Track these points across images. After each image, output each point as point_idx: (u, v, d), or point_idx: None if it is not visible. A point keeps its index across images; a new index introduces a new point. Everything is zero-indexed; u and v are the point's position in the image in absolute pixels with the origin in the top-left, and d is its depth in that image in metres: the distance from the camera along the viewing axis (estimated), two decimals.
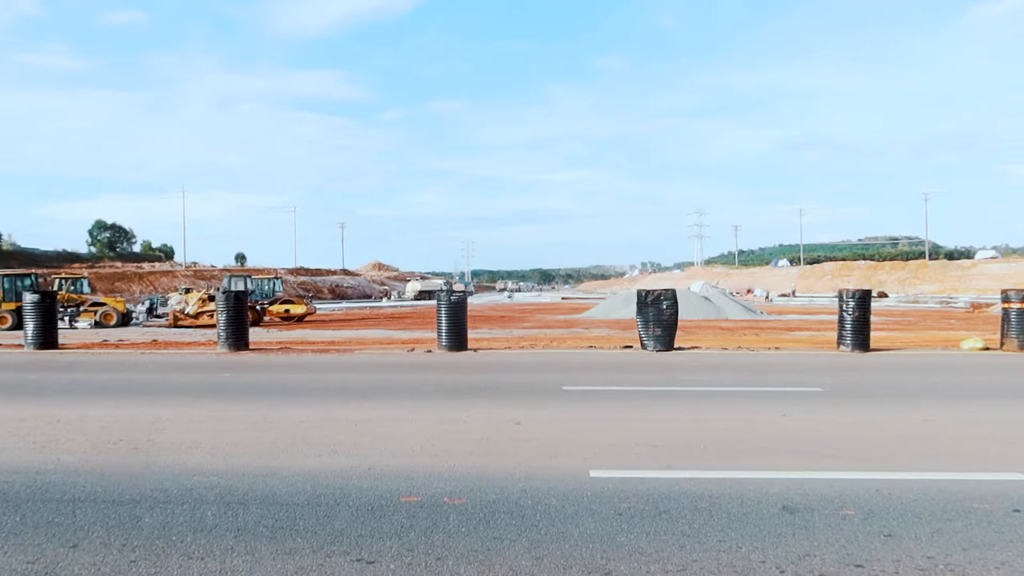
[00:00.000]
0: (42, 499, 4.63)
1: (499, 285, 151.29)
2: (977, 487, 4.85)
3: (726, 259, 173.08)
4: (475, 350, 15.28)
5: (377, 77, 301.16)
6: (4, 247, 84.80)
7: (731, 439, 6.47)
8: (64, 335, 18.81)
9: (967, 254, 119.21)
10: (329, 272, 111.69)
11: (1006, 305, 14.98)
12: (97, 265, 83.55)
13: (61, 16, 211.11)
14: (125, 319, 30.18)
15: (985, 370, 12.16)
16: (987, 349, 14.94)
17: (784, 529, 4.02)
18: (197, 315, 28.78)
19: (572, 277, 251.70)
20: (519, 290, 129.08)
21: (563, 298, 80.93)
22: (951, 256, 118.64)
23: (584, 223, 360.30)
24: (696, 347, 16.16)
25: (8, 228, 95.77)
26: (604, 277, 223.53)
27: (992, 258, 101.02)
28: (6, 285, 28.71)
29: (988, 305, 39.32)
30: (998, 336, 15.21)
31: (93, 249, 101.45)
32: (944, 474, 5.20)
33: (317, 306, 43.60)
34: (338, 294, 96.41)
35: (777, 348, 16.09)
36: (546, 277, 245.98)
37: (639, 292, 15.91)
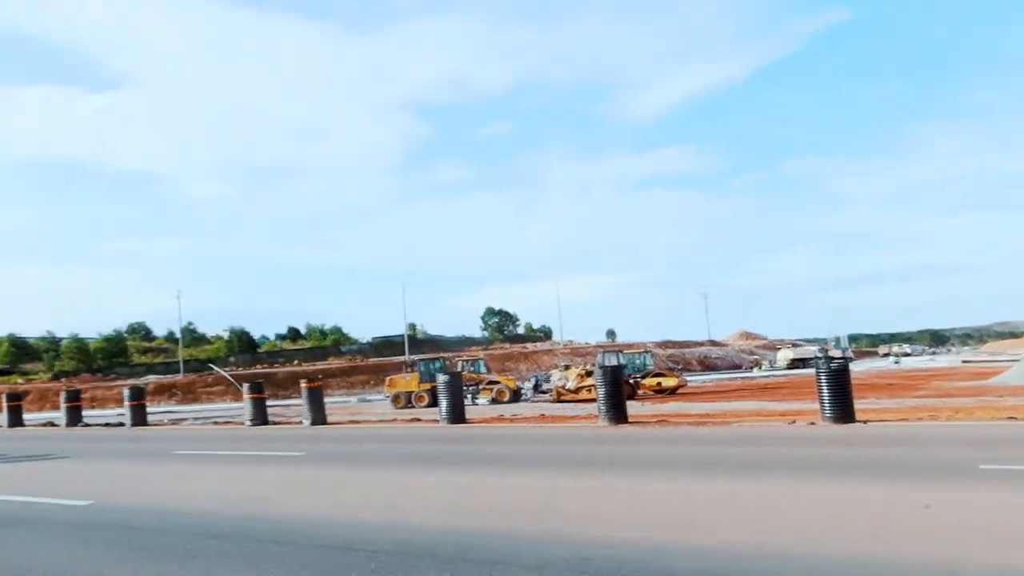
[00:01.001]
0: (463, 559, 5.09)
1: (882, 350, 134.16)
2: None
3: None
4: (864, 422, 13.52)
5: (722, 147, 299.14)
6: (418, 336, 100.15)
7: None
8: (468, 410, 20.92)
9: None
10: (696, 343, 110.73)
11: None
12: (489, 347, 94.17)
13: (447, 135, 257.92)
14: (516, 395, 33.53)
15: None
16: None
17: None
18: (577, 390, 30.80)
19: (971, 337, 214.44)
20: (907, 354, 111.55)
21: (963, 361, 68.24)
22: None
23: (980, 275, 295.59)
24: None
25: (420, 319, 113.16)
26: (1013, 335, 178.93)
27: None
28: (422, 368, 34.30)
29: None
30: None
31: (485, 333, 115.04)
32: None
33: (687, 378, 43.37)
34: (707, 365, 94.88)
35: None
36: (938, 339, 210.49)
37: None
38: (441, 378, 18.71)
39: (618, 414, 15.89)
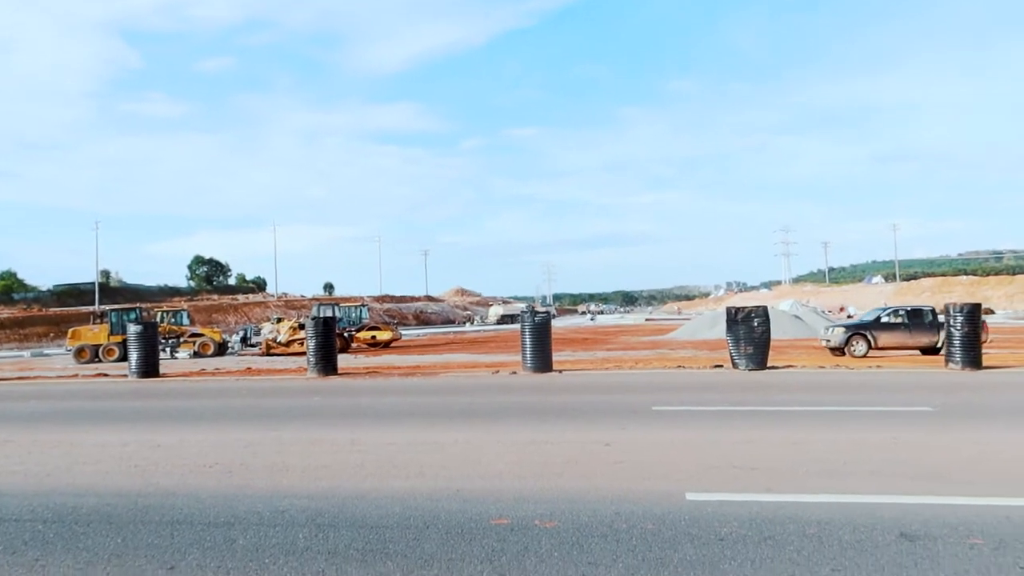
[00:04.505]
0: (142, 521, 4.81)
1: (581, 308, 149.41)
2: None
3: (815, 277, 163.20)
4: (560, 371, 13.53)
5: (454, 108, 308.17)
6: (112, 284, 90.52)
7: (836, 461, 6.04)
8: (165, 365, 19.89)
9: None
10: (413, 299, 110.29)
11: None
12: (196, 298, 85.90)
13: (159, 66, 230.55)
14: (221, 348, 31.12)
15: None
16: None
17: (904, 559, 3.67)
18: (288, 343, 28.95)
19: (655, 298, 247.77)
20: (602, 312, 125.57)
21: (647, 319, 79.01)
22: None
23: (666, 244, 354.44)
24: (790, 366, 15.42)
25: (115, 266, 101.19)
26: (688, 298, 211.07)
27: None
28: (114, 319, 30.75)
29: None
30: None
31: (192, 283, 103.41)
32: None
33: (402, 332, 43.43)
34: (422, 320, 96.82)
35: (878, 366, 15.17)
36: (629, 299, 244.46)
37: (729, 310, 15.33)
38: (132, 329, 17.61)
39: (328, 366, 15.48)
